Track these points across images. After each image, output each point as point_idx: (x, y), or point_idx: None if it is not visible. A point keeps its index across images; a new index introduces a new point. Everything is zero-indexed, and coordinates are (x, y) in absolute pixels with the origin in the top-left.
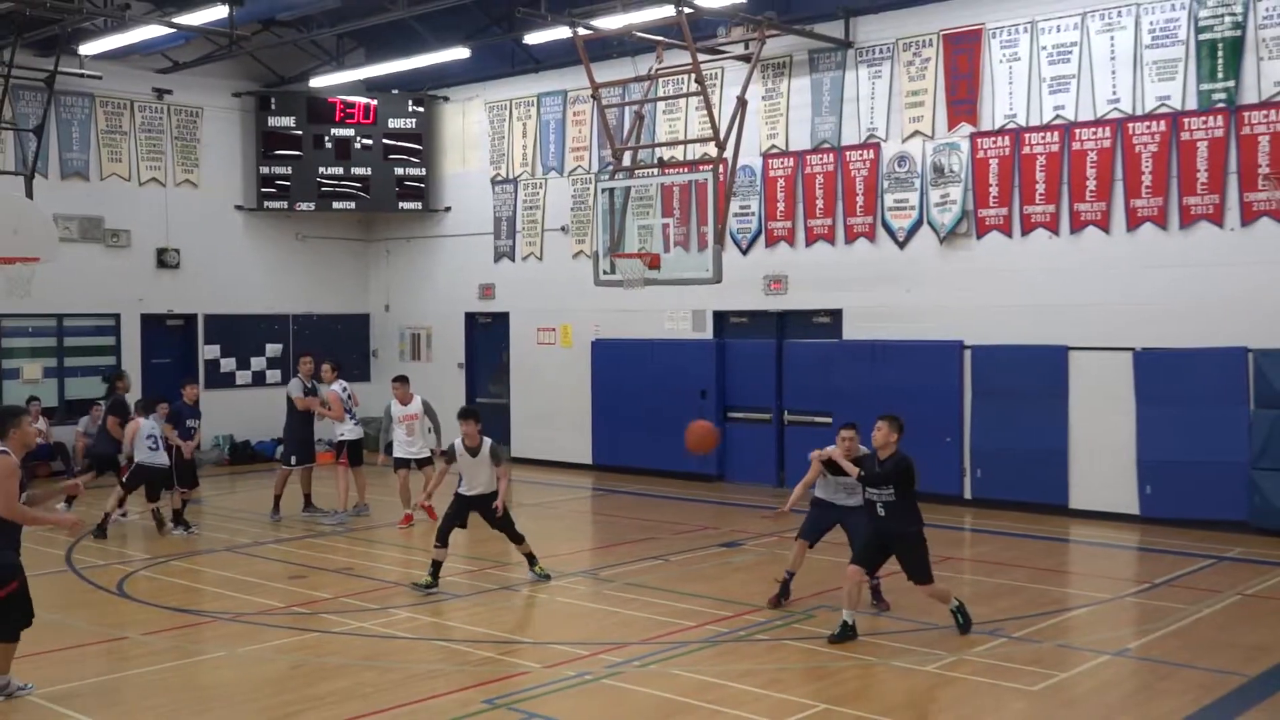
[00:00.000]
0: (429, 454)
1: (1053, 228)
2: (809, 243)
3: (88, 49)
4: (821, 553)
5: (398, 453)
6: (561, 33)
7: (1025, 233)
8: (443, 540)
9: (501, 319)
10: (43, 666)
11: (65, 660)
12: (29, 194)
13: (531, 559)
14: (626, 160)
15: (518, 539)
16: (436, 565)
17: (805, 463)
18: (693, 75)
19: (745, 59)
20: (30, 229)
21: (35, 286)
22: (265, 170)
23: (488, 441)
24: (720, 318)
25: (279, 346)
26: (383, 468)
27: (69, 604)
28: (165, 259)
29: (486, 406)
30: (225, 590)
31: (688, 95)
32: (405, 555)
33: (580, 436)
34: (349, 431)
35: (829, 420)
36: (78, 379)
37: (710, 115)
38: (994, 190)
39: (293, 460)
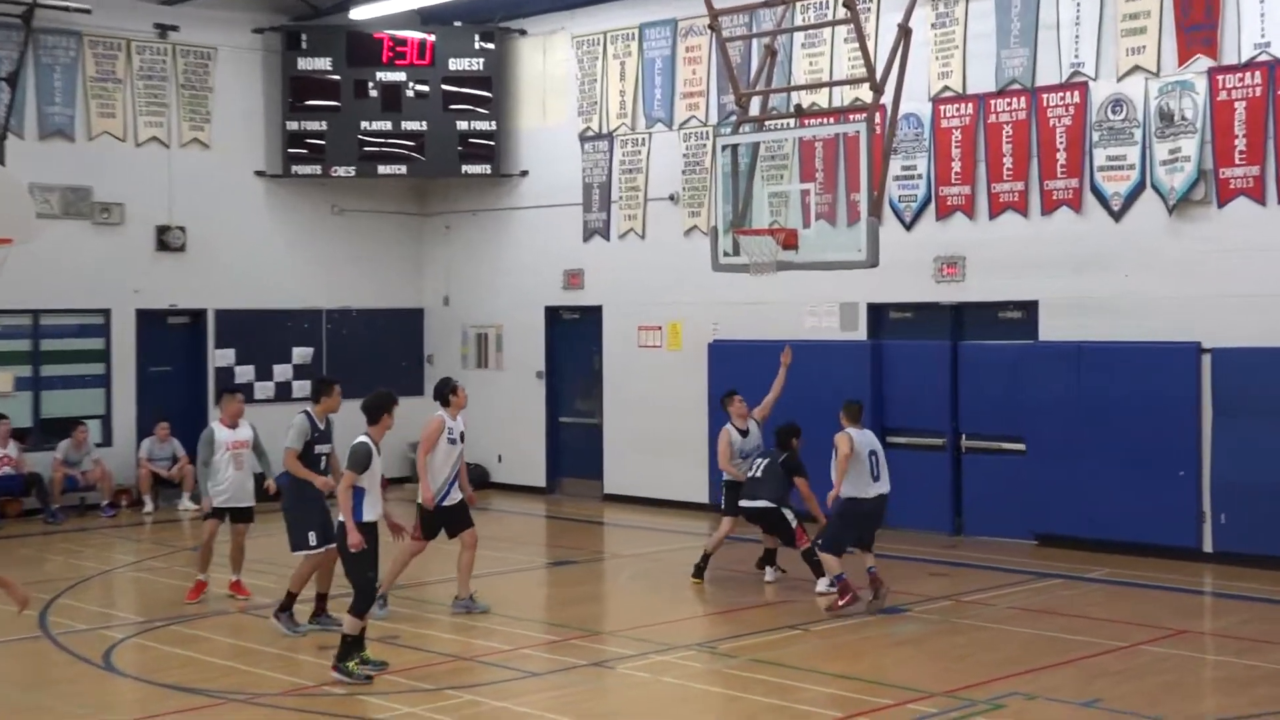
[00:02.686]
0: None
1: None
2: (993, 214)
3: None
4: (1012, 623)
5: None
6: None
7: None
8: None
9: (592, 314)
10: None
11: None
12: (0, 159)
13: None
14: (754, 109)
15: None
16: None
17: (988, 499)
18: None
19: None
20: (1, 202)
21: (5, 275)
22: (293, 126)
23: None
24: (877, 312)
25: (309, 351)
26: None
27: (43, 681)
28: (167, 239)
29: (572, 427)
30: (237, 663)
31: (833, 24)
32: (460, 622)
33: (694, 467)
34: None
35: (1021, 447)
36: (57, 393)
37: (863, 49)
38: (1240, 143)
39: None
